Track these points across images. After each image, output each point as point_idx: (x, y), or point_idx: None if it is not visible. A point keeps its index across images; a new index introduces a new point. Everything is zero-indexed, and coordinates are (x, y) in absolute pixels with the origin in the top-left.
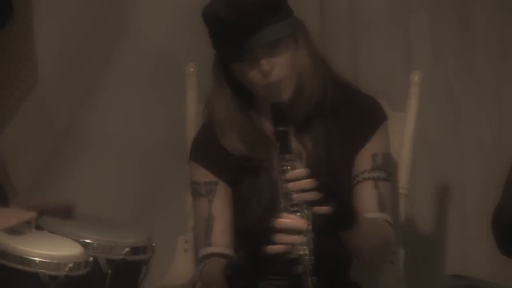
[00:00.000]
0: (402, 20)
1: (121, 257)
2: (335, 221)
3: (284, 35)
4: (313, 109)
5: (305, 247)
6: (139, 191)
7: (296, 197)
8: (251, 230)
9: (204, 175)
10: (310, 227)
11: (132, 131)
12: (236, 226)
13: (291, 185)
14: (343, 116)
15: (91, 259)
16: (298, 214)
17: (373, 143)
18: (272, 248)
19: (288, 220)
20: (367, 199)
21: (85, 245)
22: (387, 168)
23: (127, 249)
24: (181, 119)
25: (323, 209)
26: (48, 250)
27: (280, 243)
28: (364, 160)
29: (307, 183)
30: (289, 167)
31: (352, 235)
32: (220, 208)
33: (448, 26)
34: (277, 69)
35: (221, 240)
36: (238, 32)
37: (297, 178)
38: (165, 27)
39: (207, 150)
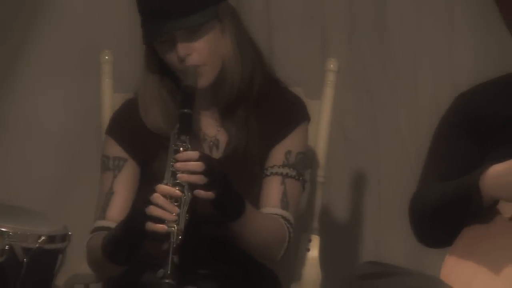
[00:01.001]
0: (318, 7)
1: (37, 245)
2: (220, 208)
3: (203, 22)
4: (235, 99)
5: (174, 225)
6: (56, 180)
7: (180, 177)
8: None
9: (115, 150)
10: (185, 207)
11: (49, 119)
12: None
13: (178, 165)
14: (266, 111)
15: (6, 247)
16: (178, 192)
17: (289, 141)
18: (138, 216)
19: (162, 197)
20: (271, 194)
21: (0, 233)
22: (299, 167)
23: (43, 237)
24: (97, 108)
25: (204, 193)
26: None
27: (150, 215)
28: (277, 156)
29: (195, 165)
30: (181, 148)
31: (239, 226)
32: (122, 184)
33: (364, 13)
34: (195, 55)
35: (115, 215)
36: (157, 13)
37: (187, 159)
38: (83, 14)
39: (123, 126)
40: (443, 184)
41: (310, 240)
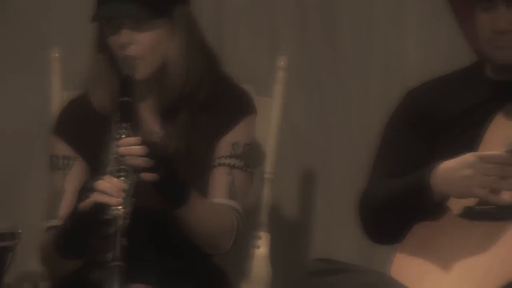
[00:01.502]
0: (268, 4)
1: None
2: (164, 193)
3: (153, 17)
4: (176, 103)
5: (119, 207)
6: (4, 177)
7: (124, 160)
8: None
9: (63, 149)
10: (131, 191)
11: None
12: None
13: (121, 149)
14: (213, 107)
15: None
16: (122, 178)
17: (236, 132)
18: (84, 204)
19: (106, 182)
20: (218, 184)
21: None
22: (246, 158)
23: None
24: (46, 106)
25: (150, 176)
26: None
27: (95, 202)
28: (223, 147)
29: (137, 149)
30: (123, 136)
31: (185, 214)
32: (72, 183)
33: (313, 10)
34: (135, 46)
35: (67, 214)
36: None
37: (129, 144)
38: (32, 11)
39: (69, 125)
40: (392, 180)
41: (259, 237)
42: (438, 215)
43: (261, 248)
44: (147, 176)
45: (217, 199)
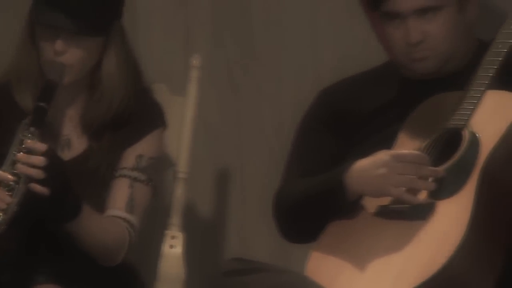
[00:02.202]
0: (181, 3)
1: None
2: (52, 207)
3: (88, 34)
4: (108, 122)
5: (0, 213)
6: None
7: (19, 167)
8: None
9: None
10: (16, 198)
11: None
12: None
13: (19, 155)
14: (126, 121)
15: None
16: (12, 183)
17: (142, 145)
18: None
19: None
20: (118, 196)
21: None
22: (150, 172)
23: None
24: None
25: (39, 188)
26: None
27: None
28: (128, 159)
29: (37, 159)
30: (29, 140)
31: (75, 228)
32: None
33: (228, 9)
34: (69, 56)
35: None
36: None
37: (31, 151)
38: None
39: None
40: (307, 179)
41: (173, 237)
42: (353, 214)
43: (176, 248)
44: (37, 188)
45: (114, 210)
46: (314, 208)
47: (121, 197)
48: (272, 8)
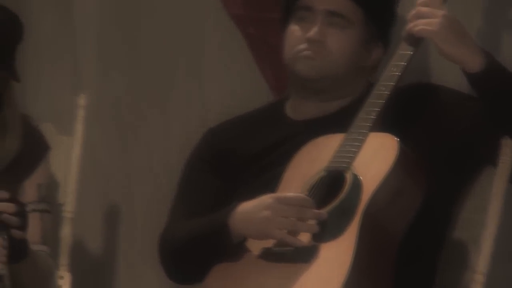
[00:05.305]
0: (70, 42)
1: None
2: (15, 249)
3: None
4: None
5: (3, 267)
6: None
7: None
8: None
9: None
10: (5, 250)
11: None
12: None
13: None
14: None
15: None
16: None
17: (39, 174)
18: None
19: None
20: (33, 232)
21: None
22: (49, 198)
23: None
24: None
25: (20, 234)
26: None
27: None
28: (30, 191)
29: (10, 206)
30: None
31: (24, 266)
32: None
33: (115, 45)
34: None
35: None
36: None
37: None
38: None
39: None
40: (192, 221)
41: (61, 277)
42: (238, 256)
43: None
44: (18, 234)
45: (33, 245)
46: (199, 250)
47: (37, 232)
48: (161, 45)
